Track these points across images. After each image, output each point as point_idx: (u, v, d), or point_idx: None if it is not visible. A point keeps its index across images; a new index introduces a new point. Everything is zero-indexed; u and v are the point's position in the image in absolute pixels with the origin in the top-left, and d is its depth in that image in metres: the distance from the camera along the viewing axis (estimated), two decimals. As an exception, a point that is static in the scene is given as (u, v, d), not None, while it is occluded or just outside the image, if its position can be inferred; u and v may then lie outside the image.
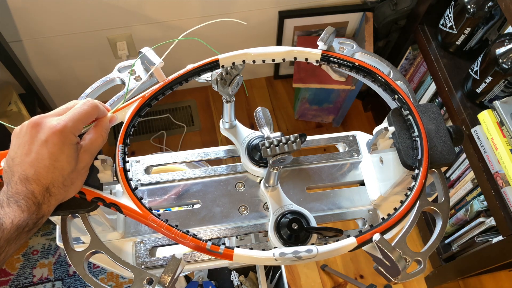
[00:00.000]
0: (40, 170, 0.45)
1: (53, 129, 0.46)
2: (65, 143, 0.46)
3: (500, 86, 1.08)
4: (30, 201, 0.45)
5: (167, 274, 0.47)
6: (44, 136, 0.46)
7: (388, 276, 0.51)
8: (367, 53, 0.62)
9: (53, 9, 1.38)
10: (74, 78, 1.72)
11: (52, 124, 0.46)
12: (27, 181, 0.45)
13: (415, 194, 0.52)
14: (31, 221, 0.45)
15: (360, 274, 1.62)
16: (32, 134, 0.46)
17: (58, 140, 0.46)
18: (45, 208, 0.46)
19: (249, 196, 0.67)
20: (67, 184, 0.48)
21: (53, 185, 0.46)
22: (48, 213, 0.47)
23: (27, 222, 0.44)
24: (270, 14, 1.61)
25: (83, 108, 0.49)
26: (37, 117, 0.48)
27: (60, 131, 0.46)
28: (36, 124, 0.47)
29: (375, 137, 0.58)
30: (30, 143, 0.46)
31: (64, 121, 0.47)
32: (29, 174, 0.45)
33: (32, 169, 0.45)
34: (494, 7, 1.12)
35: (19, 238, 0.44)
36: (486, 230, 1.26)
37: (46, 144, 0.46)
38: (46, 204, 0.46)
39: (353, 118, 1.93)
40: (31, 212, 0.45)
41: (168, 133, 1.86)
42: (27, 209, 0.44)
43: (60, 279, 1.56)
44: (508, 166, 1.04)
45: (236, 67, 0.59)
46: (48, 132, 0.46)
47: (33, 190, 0.45)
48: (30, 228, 0.45)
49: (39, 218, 0.46)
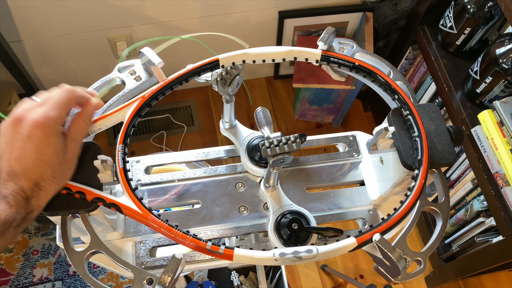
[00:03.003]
0: (27, 165, 0.45)
1: (35, 122, 0.45)
2: (50, 135, 0.46)
3: (500, 86, 1.08)
4: (19, 196, 0.44)
5: (167, 274, 0.47)
6: (27, 131, 0.45)
7: (388, 276, 0.51)
8: (367, 53, 0.62)
9: (53, 9, 1.38)
10: (74, 78, 1.72)
11: (34, 118, 0.45)
12: (15, 176, 0.44)
13: (415, 194, 0.52)
14: (19, 216, 0.44)
15: (360, 274, 1.62)
16: (15, 130, 0.45)
17: (42, 133, 0.45)
18: (35, 202, 0.45)
19: (249, 196, 0.67)
20: (57, 176, 0.47)
21: (42, 178, 0.45)
22: (38, 207, 0.46)
23: (14, 217, 0.43)
24: (270, 14, 1.61)
25: (61, 95, 0.48)
26: (18, 111, 0.46)
27: (43, 124, 0.45)
28: (18, 120, 0.46)
29: (375, 137, 0.58)
30: (14, 140, 0.45)
31: (46, 112, 0.46)
32: (17, 170, 0.44)
33: (19, 165, 0.45)
34: (494, 7, 1.12)
35: (6, 233, 0.43)
36: (486, 230, 1.26)
37: (30, 139, 0.45)
38: (35, 198, 0.45)
39: (353, 118, 1.93)
40: (19, 207, 0.44)
41: (168, 133, 1.86)
42: (15, 204, 0.43)
43: (60, 279, 1.56)
44: (508, 166, 1.04)
45: (236, 67, 0.59)
46: (30, 126, 0.45)
47: (22, 185, 0.44)
48: (18, 223, 0.44)
49: (28, 213, 0.45)
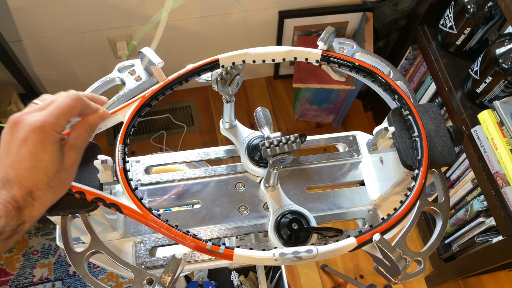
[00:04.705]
0: (21, 172, 0.42)
1: (31, 126, 0.43)
2: (46, 140, 0.43)
3: (500, 86, 1.08)
4: (10, 205, 0.41)
5: (167, 274, 0.47)
6: (23, 135, 0.42)
7: (388, 276, 0.51)
8: (367, 53, 0.62)
9: (53, 9, 1.38)
10: (74, 78, 1.72)
11: (31, 121, 0.43)
12: (8, 183, 0.42)
13: (415, 194, 0.52)
14: (9, 228, 0.41)
15: (360, 274, 1.62)
16: (11, 134, 0.43)
17: (38, 138, 0.43)
18: (27, 213, 0.42)
19: (249, 196, 0.67)
20: (54, 185, 0.44)
21: (37, 187, 0.43)
22: (31, 218, 0.43)
23: (3, 229, 0.40)
24: (270, 14, 1.61)
25: (65, 101, 0.45)
26: (16, 115, 0.44)
27: (40, 128, 0.43)
28: (15, 123, 0.43)
29: (375, 137, 0.58)
30: (10, 144, 0.43)
31: (44, 116, 0.43)
32: (10, 177, 0.42)
33: (13, 171, 0.42)
34: (494, 7, 1.12)
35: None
36: (486, 230, 1.26)
37: (26, 143, 0.42)
38: (28, 208, 0.42)
39: (353, 118, 1.93)
40: (9, 218, 0.41)
41: (168, 133, 1.86)
42: (5, 214, 0.40)
43: (60, 279, 1.56)
44: (508, 166, 1.04)
45: (236, 67, 0.59)
46: (27, 130, 0.42)
47: (14, 194, 0.41)
48: (7, 235, 0.41)
49: (19, 225, 0.42)
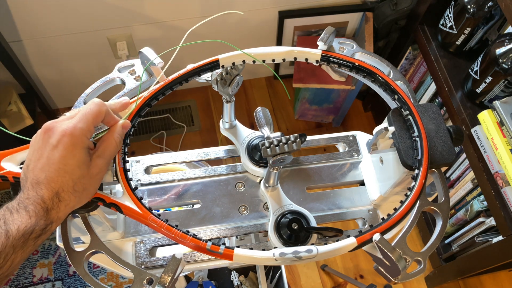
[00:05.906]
0: (50, 174, 0.46)
1: (63, 132, 0.47)
2: (76, 145, 0.47)
3: (500, 86, 1.08)
4: (39, 206, 0.45)
5: (167, 274, 0.47)
6: (55, 140, 0.46)
7: (388, 276, 0.51)
8: (367, 53, 0.62)
9: (53, 9, 1.38)
10: (74, 78, 1.72)
11: (63, 128, 0.47)
12: (37, 185, 0.46)
13: (415, 194, 0.52)
14: (39, 227, 0.45)
15: (360, 274, 1.62)
16: (44, 140, 0.47)
17: (69, 143, 0.46)
18: (54, 214, 0.46)
19: (249, 196, 0.67)
20: (78, 189, 0.47)
21: (62, 189, 0.46)
22: (58, 219, 0.47)
23: (33, 228, 0.44)
24: (270, 14, 1.61)
25: (90, 107, 0.49)
26: (49, 122, 0.48)
27: (71, 134, 0.47)
28: (47, 130, 0.48)
29: (375, 137, 0.58)
30: (42, 149, 0.47)
31: (74, 123, 0.47)
32: (40, 179, 0.46)
33: (43, 173, 0.46)
34: (494, 7, 1.12)
35: (26, 245, 0.44)
36: (486, 230, 1.26)
37: (57, 148, 0.46)
38: (55, 209, 0.46)
39: (353, 118, 1.93)
40: (38, 218, 0.45)
41: (168, 133, 1.86)
42: (34, 214, 0.44)
43: (60, 279, 1.56)
44: (508, 166, 1.04)
45: (236, 67, 0.59)
46: (58, 135, 0.47)
47: (43, 195, 0.45)
48: (37, 234, 0.45)
49: (48, 225, 0.46)
